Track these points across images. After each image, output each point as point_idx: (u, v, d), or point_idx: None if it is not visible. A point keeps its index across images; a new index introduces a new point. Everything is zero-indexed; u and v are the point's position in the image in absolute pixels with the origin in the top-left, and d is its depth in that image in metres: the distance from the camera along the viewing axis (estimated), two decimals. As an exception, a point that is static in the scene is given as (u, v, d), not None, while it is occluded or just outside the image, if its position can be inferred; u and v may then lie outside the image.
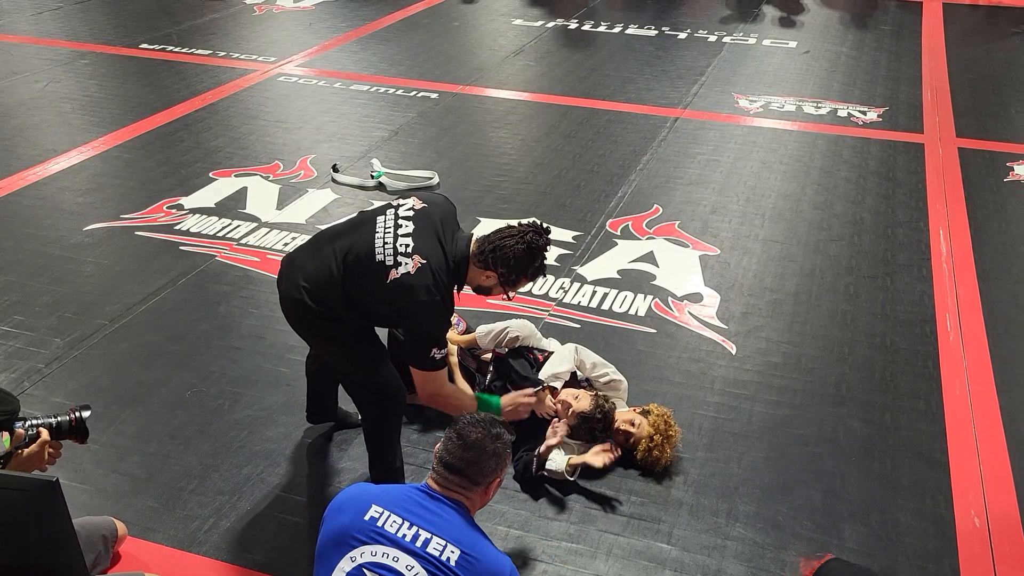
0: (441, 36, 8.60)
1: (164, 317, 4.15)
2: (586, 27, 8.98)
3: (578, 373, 3.47)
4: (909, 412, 3.60)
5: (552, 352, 3.52)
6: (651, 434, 3.21)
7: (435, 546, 2.02)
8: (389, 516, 2.07)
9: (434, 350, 2.67)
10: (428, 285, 2.61)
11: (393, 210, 2.78)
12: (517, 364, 3.44)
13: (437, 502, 2.10)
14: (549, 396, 3.26)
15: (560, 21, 9.15)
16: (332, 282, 2.71)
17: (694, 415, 3.56)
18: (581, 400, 3.24)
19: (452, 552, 2.02)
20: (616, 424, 3.27)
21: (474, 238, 2.79)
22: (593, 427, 3.17)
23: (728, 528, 3.03)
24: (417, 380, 2.76)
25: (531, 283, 2.87)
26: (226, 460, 3.29)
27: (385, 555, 2.01)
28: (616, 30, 8.90)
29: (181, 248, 4.73)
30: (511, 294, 2.82)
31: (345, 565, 2.04)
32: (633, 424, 3.26)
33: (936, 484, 3.23)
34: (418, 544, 2.02)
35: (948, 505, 3.14)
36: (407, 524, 2.05)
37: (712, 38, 8.65)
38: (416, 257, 2.63)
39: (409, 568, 1.99)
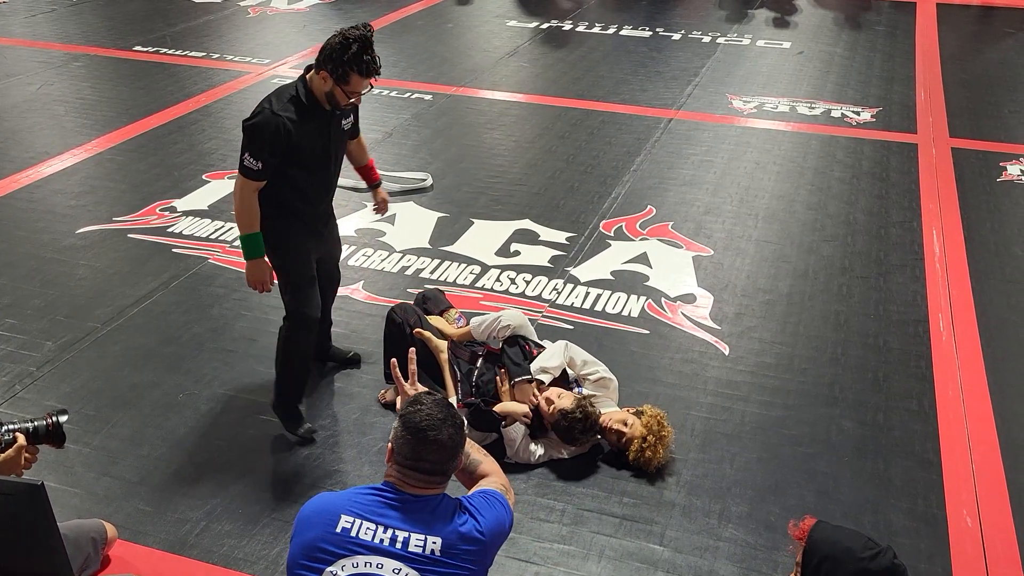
0: (435, 38, 8.60)
1: (156, 320, 4.14)
2: (580, 28, 8.98)
3: (569, 373, 3.47)
4: (902, 412, 3.60)
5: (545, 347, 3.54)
6: (644, 434, 3.21)
7: (415, 543, 1.97)
8: (362, 524, 1.99)
9: (246, 156, 3.03)
10: (254, 109, 3.06)
11: None
12: (512, 352, 3.44)
13: (407, 502, 2.01)
14: (535, 389, 3.28)
15: (554, 22, 9.16)
16: None
17: (687, 416, 3.56)
18: (564, 398, 3.25)
19: (434, 544, 1.97)
20: (609, 424, 3.27)
21: None
22: (572, 425, 3.17)
23: (720, 529, 3.03)
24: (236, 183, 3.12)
25: (366, 79, 3.00)
26: (218, 463, 3.28)
27: (368, 564, 1.95)
28: (610, 31, 8.91)
29: (174, 251, 4.72)
30: (352, 99, 3.06)
31: None
32: (626, 424, 3.26)
33: (929, 484, 3.23)
34: (397, 546, 1.96)
35: (940, 505, 3.14)
36: (381, 528, 1.98)
37: (706, 39, 8.66)
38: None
39: (396, 571, 1.95)
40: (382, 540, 1.96)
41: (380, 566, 1.94)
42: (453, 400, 3.39)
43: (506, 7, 9.77)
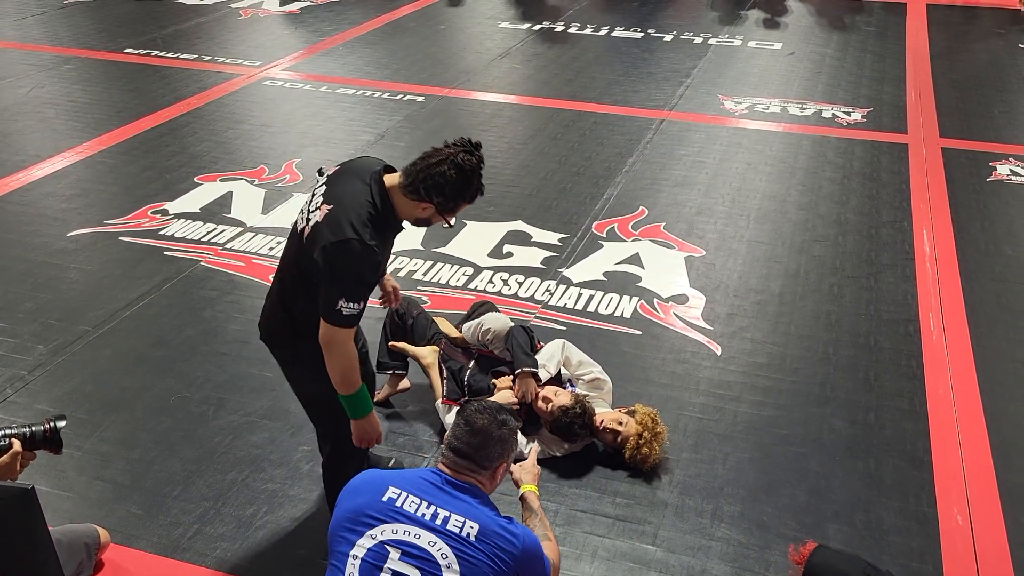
0: (427, 39, 8.60)
1: (148, 323, 4.13)
2: (572, 30, 9.00)
3: (563, 372, 3.48)
4: (893, 411, 3.62)
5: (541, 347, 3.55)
6: (639, 432, 3.23)
7: (454, 523, 2.09)
8: (407, 497, 2.12)
9: (341, 302, 2.41)
10: (333, 229, 2.40)
11: (315, 189, 2.62)
12: (521, 339, 3.40)
13: (451, 484, 2.17)
14: (533, 383, 3.29)
15: (546, 24, 9.16)
16: (280, 283, 2.68)
17: (679, 416, 3.57)
18: (561, 395, 3.26)
19: (471, 527, 2.09)
20: (603, 424, 3.28)
21: (399, 171, 2.54)
22: (572, 420, 3.18)
23: (713, 529, 3.04)
24: (321, 330, 2.49)
25: (470, 204, 2.58)
26: (210, 466, 3.28)
27: (407, 532, 2.07)
28: (602, 32, 8.92)
29: (165, 253, 4.71)
30: (451, 221, 2.60)
31: (365, 542, 2.08)
32: (620, 424, 3.28)
33: (920, 483, 3.25)
34: (438, 522, 2.08)
35: (931, 503, 3.16)
36: (425, 504, 2.11)
37: (698, 40, 8.68)
38: (323, 207, 2.45)
39: (432, 544, 2.06)
40: (424, 514, 2.09)
41: (418, 536, 2.07)
42: (439, 401, 3.40)
43: (498, 8, 9.77)
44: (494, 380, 3.38)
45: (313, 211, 2.51)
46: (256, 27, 8.95)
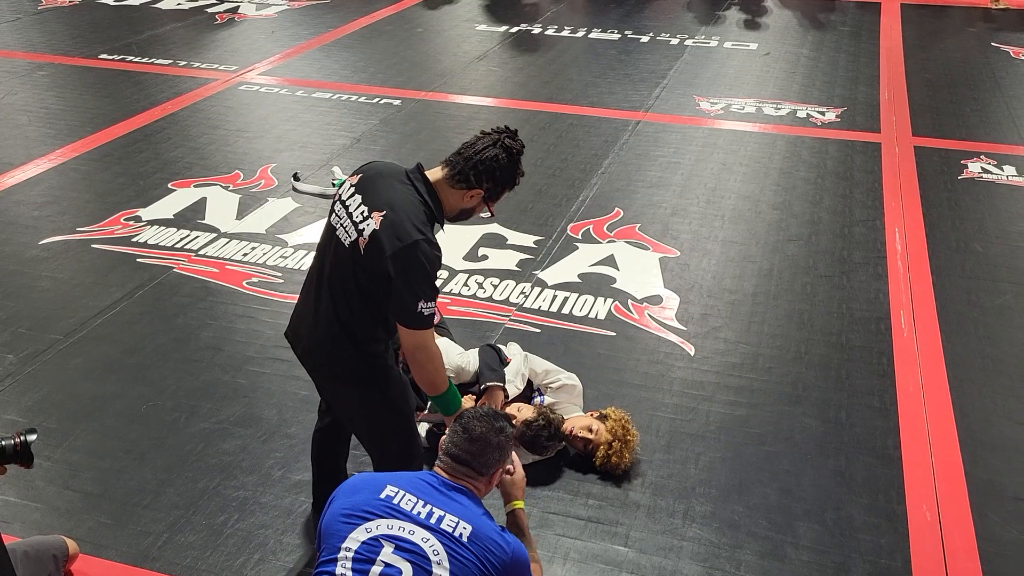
0: (404, 42, 8.59)
1: (120, 330, 4.11)
2: (549, 32, 9.01)
3: (530, 382, 3.48)
4: (863, 409, 3.65)
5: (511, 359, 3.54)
6: (609, 440, 3.22)
7: (448, 523, 2.13)
8: (405, 495, 2.17)
9: (421, 304, 2.38)
10: (399, 234, 2.35)
11: (338, 201, 2.56)
12: (488, 356, 3.40)
13: (447, 487, 2.22)
14: (500, 396, 3.29)
15: (524, 26, 9.18)
16: (332, 305, 2.51)
17: (652, 417, 3.58)
18: (523, 411, 3.26)
19: (464, 528, 2.13)
20: (573, 432, 3.28)
21: (435, 167, 2.54)
22: (538, 433, 3.17)
23: (684, 529, 3.05)
24: (405, 338, 2.46)
25: (511, 191, 2.57)
26: (181, 474, 3.26)
27: (401, 528, 2.12)
28: (579, 34, 8.94)
29: (138, 260, 4.68)
30: (494, 209, 2.58)
31: (360, 535, 2.12)
32: (591, 430, 3.27)
33: (889, 480, 3.27)
34: (432, 520, 2.13)
35: (901, 500, 3.18)
36: (421, 503, 2.16)
37: (674, 41, 8.71)
38: (374, 214, 2.39)
39: (425, 540, 2.10)
40: (419, 512, 2.15)
41: (412, 532, 2.11)
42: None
43: (475, 11, 9.78)
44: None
45: (362, 221, 2.42)
46: (232, 31, 8.92)
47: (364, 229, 2.41)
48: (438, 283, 2.56)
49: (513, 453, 2.99)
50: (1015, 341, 4.09)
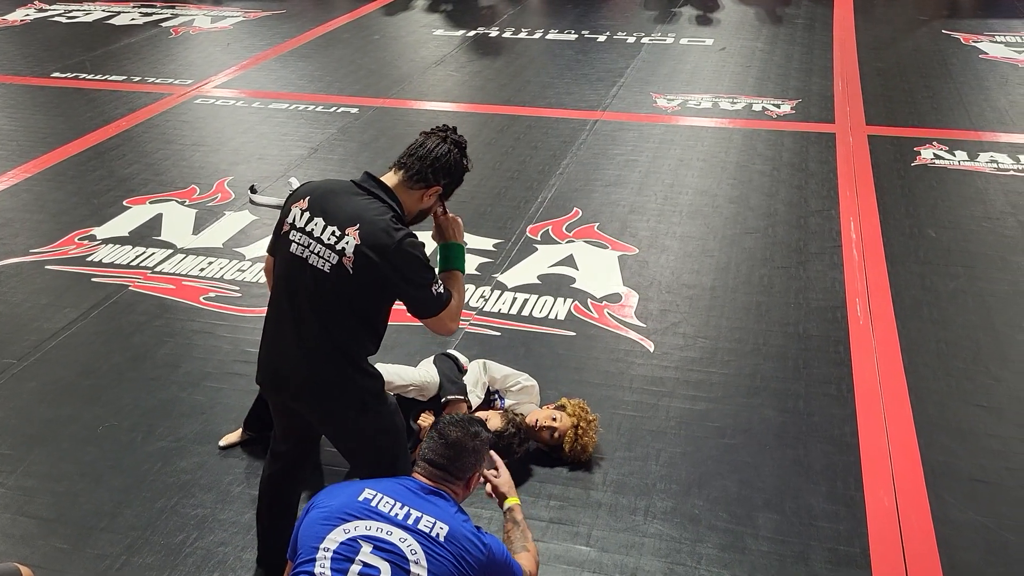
0: (361, 50, 8.57)
1: (75, 352, 4.05)
2: (507, 34, 9.02)
3: (490, 388, 3.48)
4: (821, 398, 3.68)
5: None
6: (574, 423, 3.26)
7: (425, 523, 2.18)
8: (382, 498, 2.22)
9: (435, 287, 2.42)
10: (380, 239, 2.35)
11: (292, 231, 2.47)
12: (445, 367, 3.41)
13: (425, 491, 2.28)
14: (464, 408, 3.29)
15: (481, 29, 9.18)
16: (326, 337, 2.44)
17: (613, 415, 3.59)
18: (492, 419, 3.25)
19: (441, 528, 2.18)
20: (538, 424, 3.30)
21: (387, 173, 2.53)
22: (511, 442, 3.19)
23: (646, 526, 3.06)
24: (435, 326, 2.50)
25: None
26: (139, 494, 3.22)
27: (379, 529, 2.16)
28: (537, 36, 8.96)
29: (93, 280, 4.62)
30: (446, 208, 2.62)
31: (338, 536, 2.16)
32: (554, 419, 3.30)
33: (847, 467, 3.31)
34: (410, 521, 2.18)
35: (859, 486, 3.22)
36: (399, 505, 2.21)
37: (631, 39, 8.76)
38: (349, 230, 2.37)
39: (403, 540, 2.14)
40: (397, 514, 2.20)
41: (390, 533, 2.16)
42: None
43: (433, 16, 9.77)
44: (418, 422, 3.31)
45: (338, 241, 2.37)
46: (187, 45, 8.84)
47: (345, 248, 2.37)
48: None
49: (493, 454, 3.00)
50: (968, 324, 4.15)
